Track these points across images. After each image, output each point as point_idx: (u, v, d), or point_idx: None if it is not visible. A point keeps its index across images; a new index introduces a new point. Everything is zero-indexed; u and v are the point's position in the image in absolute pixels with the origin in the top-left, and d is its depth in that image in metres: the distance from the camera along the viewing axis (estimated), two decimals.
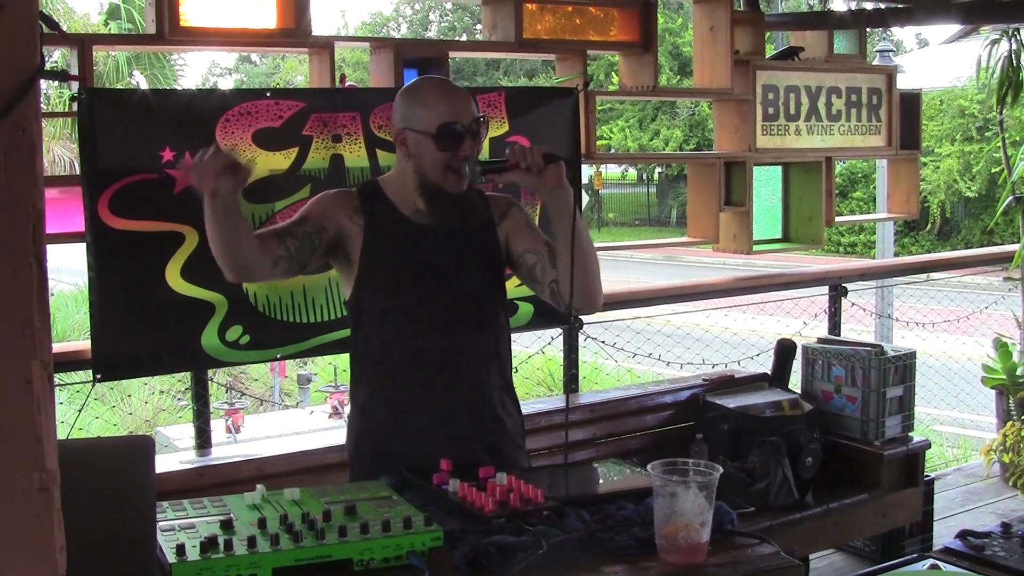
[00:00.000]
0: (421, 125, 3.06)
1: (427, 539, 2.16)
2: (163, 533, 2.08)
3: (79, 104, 3.57)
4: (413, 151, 3.09)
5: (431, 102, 3.08)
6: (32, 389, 1.26)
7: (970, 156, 23.90)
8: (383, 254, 3.13)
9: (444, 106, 3.07)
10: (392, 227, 3.15)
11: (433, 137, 3.04)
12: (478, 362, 3.19)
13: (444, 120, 3.04)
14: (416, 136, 3.07)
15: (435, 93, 3.11)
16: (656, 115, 31.04)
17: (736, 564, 2.23)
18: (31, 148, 1.25)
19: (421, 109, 3.08)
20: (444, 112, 3.05)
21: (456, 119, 3.06)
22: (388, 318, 3.13)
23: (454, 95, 3.13)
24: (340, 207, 3.14)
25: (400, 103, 3.15)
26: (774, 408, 4.39)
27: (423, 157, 3.07)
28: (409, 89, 3.19)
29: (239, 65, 46.23)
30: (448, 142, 3.04)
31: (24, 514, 1.27)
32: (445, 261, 3.16)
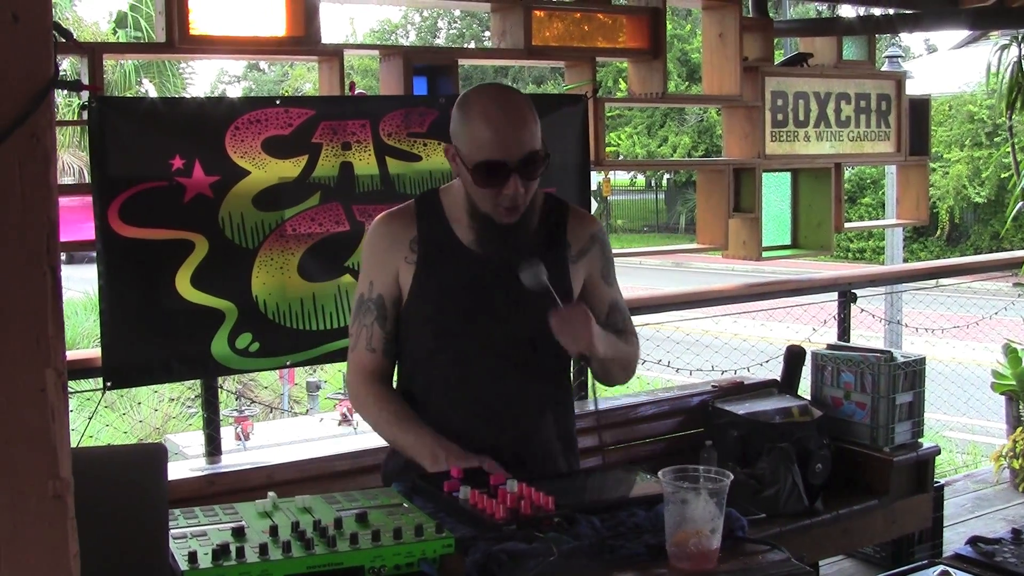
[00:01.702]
0: (464, 151, 2.70)
1: (438, 546, 2.16)
2: (175, 540, 2.09)
3: (89, 113, 3.58)
4: (460, 173, 2.76)
5: (475, 126, 2.68)
6: (46, 397, 1.27)
7: (979, 162, 23.88)
8: (434, 287, 2.82)
9: (487, 134, 2.65)
10: (447, 256, 2.82)
11: (473, 171, 2.68)
12: (530, 413, 2.88)
13: (486, 156, 2.65)
14: (459, 160, 2.73)
15: (481, 115, 2.68)
16: (664, 122, 31.04)
17: (747, 571, 2.23)
18: (45, 158, 1.26)
19: (466, 130, 2.70)
20: (486, 142, 2.65)
21: (501, 155, 2.65)
22: (434, 359, 2.86)
23: (504, 121, 2.67)
24: (397, 249, 2.84)
25: (455, 112, 2.76)
26: (783, 414, 4.38)
27: (467, 184, 2.74)
28: (464, 99, 2.77)
29: (248, 73, 46.36)
30: (488, 181, 2.67)
31: (39, 522, 1.27)
32: (503, 299, 2.80)
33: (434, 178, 4.20)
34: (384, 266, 2.85)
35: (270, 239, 3.90)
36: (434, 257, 2.82)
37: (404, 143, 4.15)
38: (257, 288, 3.89)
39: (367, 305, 2.87)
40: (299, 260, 3.95)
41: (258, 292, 3.89)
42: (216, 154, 3.79)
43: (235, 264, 3.85)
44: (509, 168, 2.65)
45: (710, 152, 28.64)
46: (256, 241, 3.88)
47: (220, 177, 3.79)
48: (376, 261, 2.88)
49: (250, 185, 3.85)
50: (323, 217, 3.99)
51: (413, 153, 4.17)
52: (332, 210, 4.01)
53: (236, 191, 3.83)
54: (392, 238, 2.86)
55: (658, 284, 19.07)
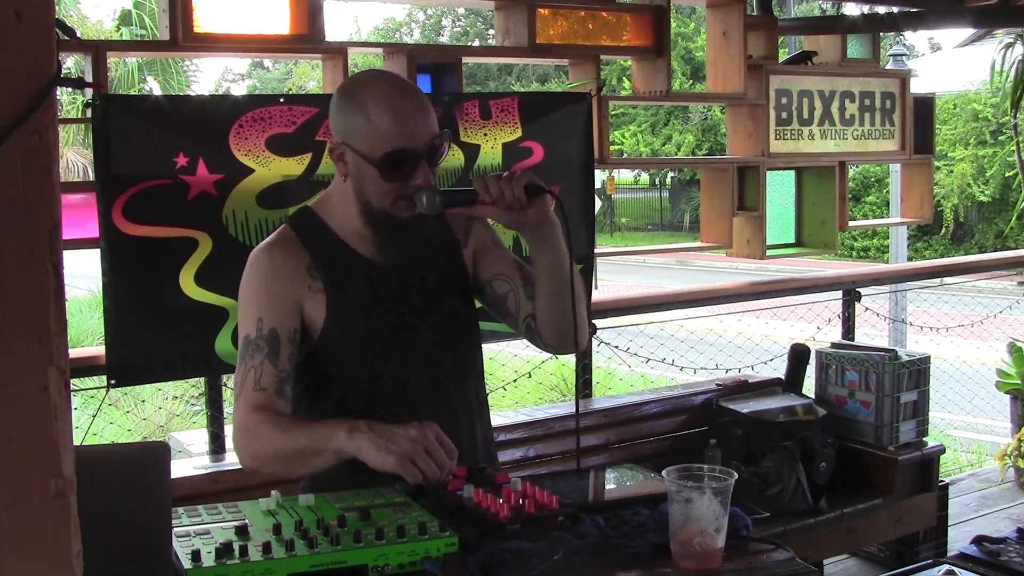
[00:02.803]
0: (362, 145, 2.50)
1: (442, 545, 2.16)
2: (178, 539, 2.08)
3: (93, 110, 3.58)
4: (353, 172, 2.54)
5: (375, 116, 2.48)
6: (49, 395, 1.26)
7: (984, 160, 23.88)
8: (355, 310, 2.61)
9: (391, 123, 2.47)
10: (355, 274, 2.63)
11: (378, 165, 2.48)
12: (465, 419, 2.73)
13: (392, 146, 2.46)
14: (356, 157, 2.52)
15: (380, 104, 2.48)
16: (668, 120, 31.04)
17: (751, 570, 2.22)
18: (48, 155, 1.25)
19: (362, 122, 2.50)
20: (391, 131, 2.47)
21: (408, 143, 2.49)
22: (372, 388, 2.64)
23: (405, 106, 2.51)
24: (293, 279, 2.60)
25: (338, 106, 2.57)
26: (788, 413, 4.38)
27: (365, 183, 2.54)
28: (348, 91, 2.57)
29: (252, 71, 46.38)
30: (396, 173, 2.49)
31: (41, 520, 1.27)
32: (423, 307, 2.66)
33: (437, 176, 4.19)
34: (277, 300, 2.58)
35: None
36: (341, 279, 2.61)
37: None
38: None
39: (255, 344, 2.57)
40: None
41: None
42: (220, 152, 3.79)
43: (239, 262, 3.82)
44: (418, 156, 2.50)
45: (714, 150, 28.64)
46: (260, 239, 3.86)
47: (224, 175, 3.79)
48: (264, 296, 2.58)
49: (254, 183, 3.85)
50: None
51: None
52: None
53: (240, 189, 3.83)
54: (282, 269, 2.60)
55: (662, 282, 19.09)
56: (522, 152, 4.40)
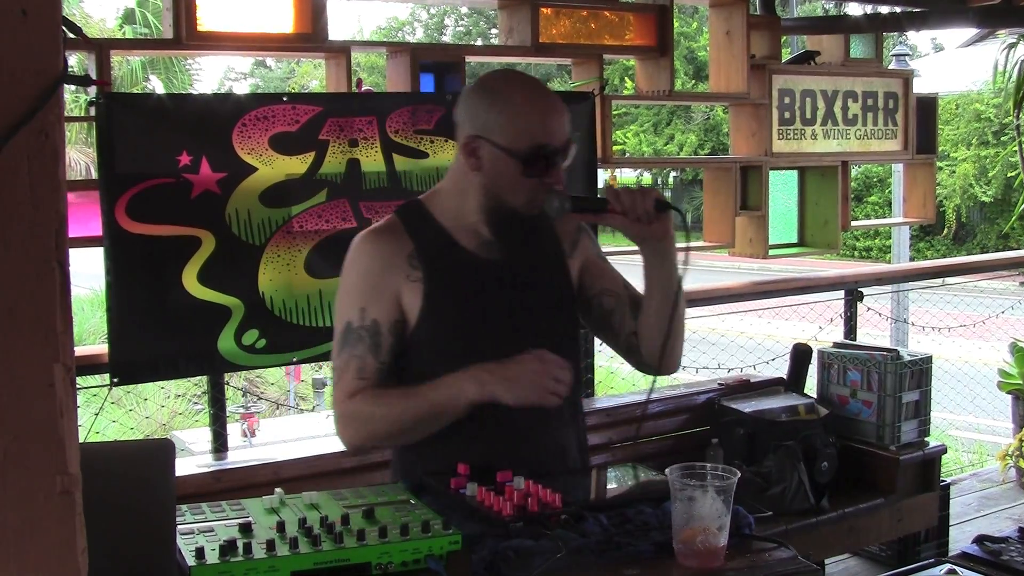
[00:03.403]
0: (504, 138, 2.50)
1: (445, 543, 2.16)
2: (182, 536, 2.09)
3: (97, 109, 3.58)
4: (487, 166, 2.54)
5: (520, 111, 2.50)
6: (55, 393, 1.27)
7: (986, 160, 23.87)
8: (450, 304, 2.61)
9: (538, 118, 2.50)
10: (455, 267, 2.61)
11: (521, 159, 2.49)
12: (558, 423, 2.70)
13: (537, 140, 2.48)
14: (494, 150, 2.51)
15: (525, 100, 2.52)
16: (671, 119, 31.01)
17: (753, 568, 2.23)
18: (54, 154, 1.26)
19: (506, 117, 2.51)
20: (537, 126, 2.49)
21: (551, 140, 2.50)
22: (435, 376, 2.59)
23: (548, 105, 2.54)
24: (394, 268, 2.59)
25: (475, 101, 2.58)
26: (790, 412, 4.39)
27: (500, 177, 2.53)
28: (491, 87, 2.59)
29: (254, 70, 46.35)
30: (538, 168, 2.49)
31: (46, 517, 1.27)
32: (522, 312, 2.65)
33: (440, 175, 4.19)
34: (379, 289, 2.59)
35: (277, 236, 3.90)
36: (441, 270, 2.60)
37: (411, 140, 4.15)
38: (264, 285, 3.89)
39: (357, 334, 2.58)
40: (306, 257, 3.95)
41: (265, 289, 3.89)
42: (223, 151, 3.79)
43: (242, 261, 3.86)
44: (559, 153, 2.52)
45: (717, 150, 28.62)
46: (263, 238, 3.88)
47: (227, 174, 3.80)
48: (367, 285, 2.60)
49: (257, 182, 3.86)
50: (330, 214, 3.99)
51: (420, 150, 4.17)
52: (339, 207, 4.01)
53: (243, 188, 3.83)
54: (385, 257, 2.60)
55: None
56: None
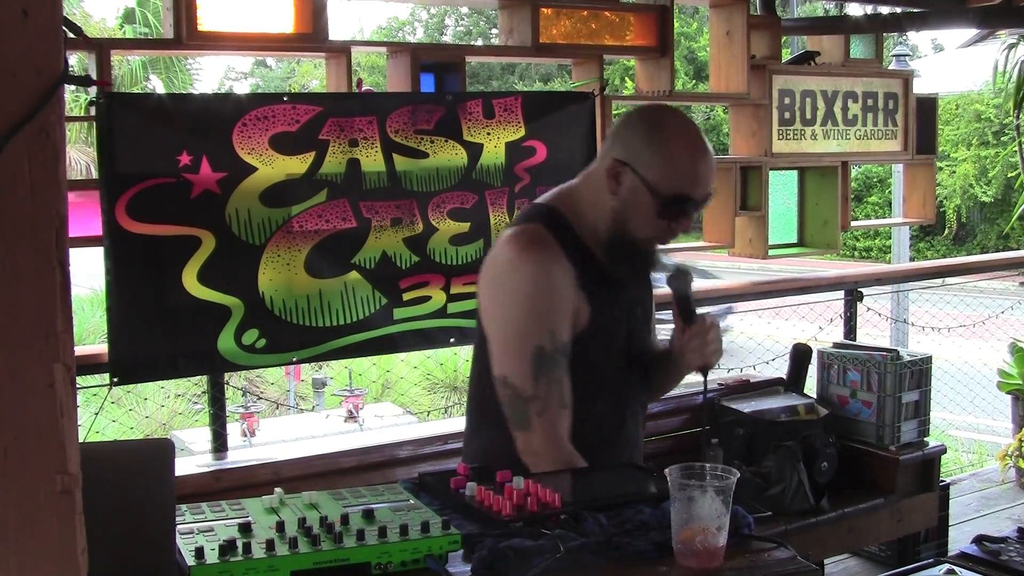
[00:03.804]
0: (651, 175, 2.60)
1: (444, 543, 2.16)
2: (182, 536, 2.09)
3: (97, 109, 3.58)
4: (625, 194, 2.65)
5: (677, 154, 2.61)
6: (55, 392, 1.27)
7: (986, 161, 23.88)
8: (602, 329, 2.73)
9: (689, 167, 2.62)
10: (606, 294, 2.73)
11: (661, 200, 2.61)
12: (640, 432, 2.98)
13: (682, 188, 2.60)
14: (637, 182, 2.62)
15: (685, 146, 2.63)
16: None
17: (753, 568, 2.23)
18: (55, 153, 1.26)
19: (660, 156, 2.61)
20: (686, 175, 2.61)
21: (695, 192, 2.62)
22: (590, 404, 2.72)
23: (705, 158, 2.65)
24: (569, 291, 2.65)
25: (633, 129, 2.68)
26: (789, 413, 4.39)
27: (634, 208, 2.64)
28: (653, 121, 2.68)
29: (255, 69, 46.35)
30: (674, 213, 2.63)
31: (47, 516, 1.28)
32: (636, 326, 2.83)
33: (441, 175, 4.21)
34: (563, 311, 2.64)
35: (277, 235, 3.90)
36: (600, 296, 2.70)
37: (411, 140, 4.15)
38: (264, 284, 3.89)
39: (552, 358, 2.61)
40: (306, 257, 3.96)
41: (265, 288, 3.89)
42: (223, 150, 3.79)
43: (242, 260, 3.86)
44: (696, 204, 2.64)
45: (717, 150, 28.46)
46: (263, 237, 3.88)
47: (227, 173, 3.80)
48: (552, 306, 2.63)
49: (257, 181, 3.86)
50: (330, 214, 4.00)
51: (420, 150, 4.17)
52: (339, 207, 4.01)
53: (243, 187, 3.83)
54: (559, 277, 2.64)
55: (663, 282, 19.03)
56: (525, 151, 4.41)
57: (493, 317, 2.72)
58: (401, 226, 4.14)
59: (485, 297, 2.79)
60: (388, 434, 4.44)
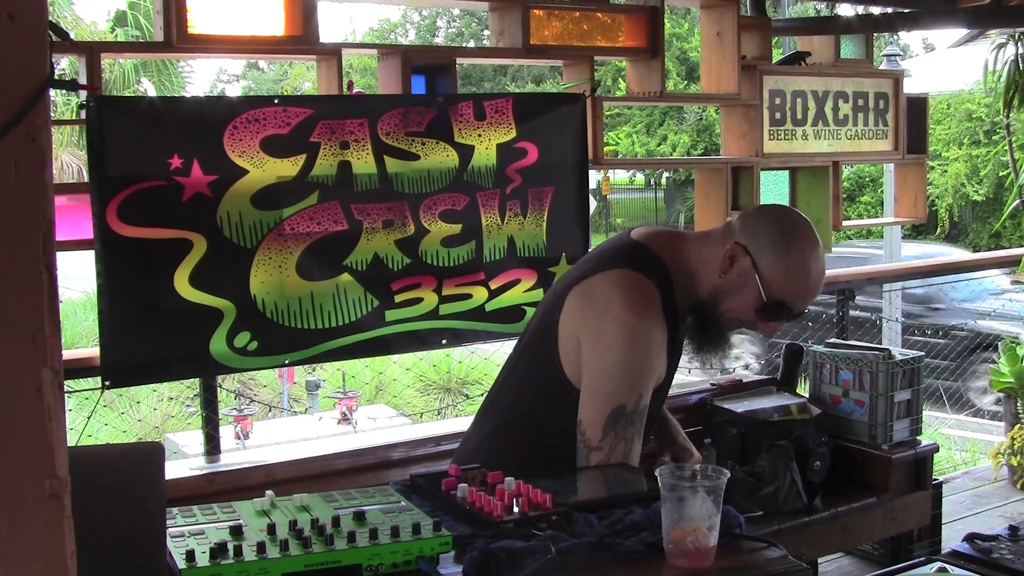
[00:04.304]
0: (768, 276, 2.73)
1: (436, 544, 2.17)
2: (173, 539, 2.09)
3: (87, 112, 3.58)
4: (733, 279, 2.76)
5: (797, 271, 2.74)
6: (43, 396, 1.27)
7: (977, 160, 23.89)
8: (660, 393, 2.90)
9: (804, 289, 2.75)
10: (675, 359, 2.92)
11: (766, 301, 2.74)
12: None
13: (791, 302, 2.74)
14: (752, 276, 2.74)
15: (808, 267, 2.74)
16: (663, 120, 31.03)
17: (744, 568, 2.23)
18: (41, 157, 1.26)
19: (783, 264, 2.73)
20: (799, 294, 2.75)
21: (799, 308, 2.78)
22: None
23: (819, 282, 2.79)
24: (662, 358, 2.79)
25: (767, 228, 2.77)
26: (782, 412, 4.38)
27: (737, 295, 2.77)
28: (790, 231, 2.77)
29: (247, 72, 46.34)
30: (771, 316, 2.77)
31: (35, 520, 1.28)
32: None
33: (432, 177, 4.21)
34: (651, 379, 2.76)
35: (268, 238, 3.90)
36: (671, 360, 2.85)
37: (402, 142, 4.15)
38: (255, 287, 3.89)
39: (630, 418, 2.73)
40: (297, 259, 3.96)
41: (256, 291, 3.89)
42: (214, 153, 3.79)
43: (233, 263, 3.86)
44: (793, 318, 2.78)
45: (709, 151, 28.64)
46: (254, 240, 3.88)
47: (218, 176, 3.80)
48: (649, 371, 2.75)
49: (248, 184, 3.85)
50: (321, 216, 4.00)
51: (411, 152, 4.17)
52: (330, 209, 4.01)
53: (234, 190, 3.83)
54: (662, 343, 2.76)
55: None
56: (516, 153, 4.41)
57: (588, 359, 2.77)
58: (393, 228, 4.14)
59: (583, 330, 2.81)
60: (381, 436, 4.44)
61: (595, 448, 2.72)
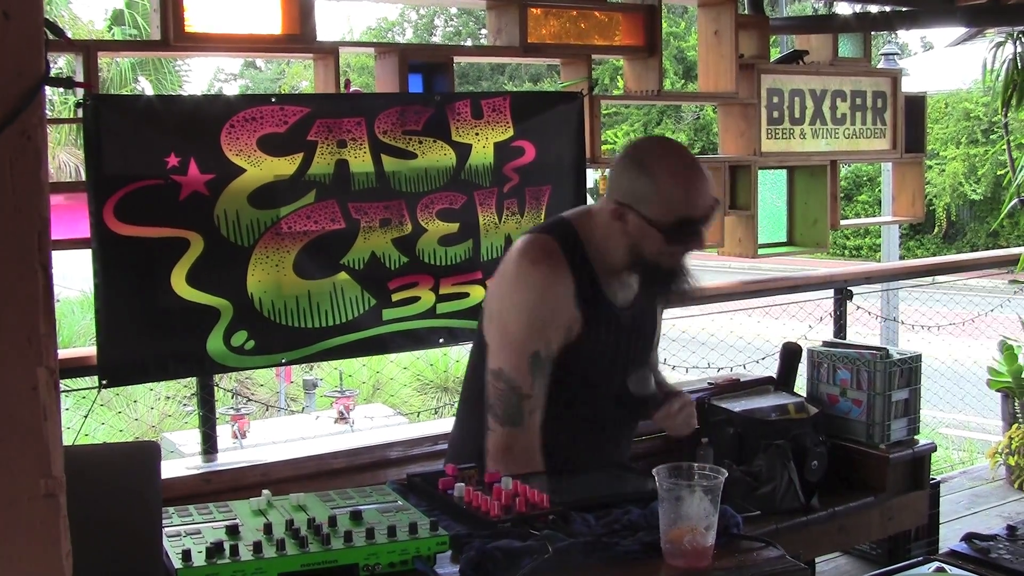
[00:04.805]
0: (649, 211, 2.68)
1: (432, 544, 2.16)
2: (169, 539, 2.09)
3: (84, 111, 3.57)
4: (633, 231, 2.73)
5: (666, 187, 2.68)
6: (38, 396, 1.26)
7: (975, 159, 23.91)
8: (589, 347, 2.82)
9: (681, 193, 2.68)
10: (604, 316, 2.82)
11: (664, 231, 2.68)
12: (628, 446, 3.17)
13: (681, 213, 2.67)
14: (641, 221, 2.70)
15: (670, 174, 2.69)
16: (661, 119, 31.03)
17: (742, 568, 2.23)
18: (36, 155, 1.25)
19: (651, 190, 2.69)
20: (681, 201, 2.67)
21: (694, 212, 2.69)
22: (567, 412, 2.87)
23: (693, 176, 2.71)
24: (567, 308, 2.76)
25: (624, 170, 2.77)
26: (780, 412, 4.38)
27: (645, 243, 2.73)
28: (636, 159, 2.76)
29: (244, 71, 46.31)
30: (683, 237, 2.71)
31: (30, 520, 1.27)
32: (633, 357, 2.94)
33: (429, 175, 4.20)
34: (558, 324, 2.77)
35: (265, 237, 3.90)
36: (594, 320, 2.80)
37: (399, 141, 4.14)
38: (252, 286, 3.89)
39: (544, 365, 2.77)
40: (295, 258, 3.95)
41: (254, 290, 3.89)
42: (211, 152, 3.78)
43: (230, 262, 3.85)
44: (701, 222, 2.71)
45: (707, 150, 28.63)
46: (252, 239, 3.88)
47: (215, 175, 3.79)
48: (550, 318, 2.77)
49: (245, 183, 3.85)
50: (319, 215, 3.99)
51: (408, 151, 4.17)
52: (327, 208, 4.01)
53: (231, 189, 3.82)
54: (561, 292, 2.76)
55: None
56: (514, 152, 4.41)
57: (497, 318, 2.83)
58: (390, 227, 4.13)
59: (492, 297, 2.91)
60: (378, 435, 4.43)
61: (526, 396, 2.75)
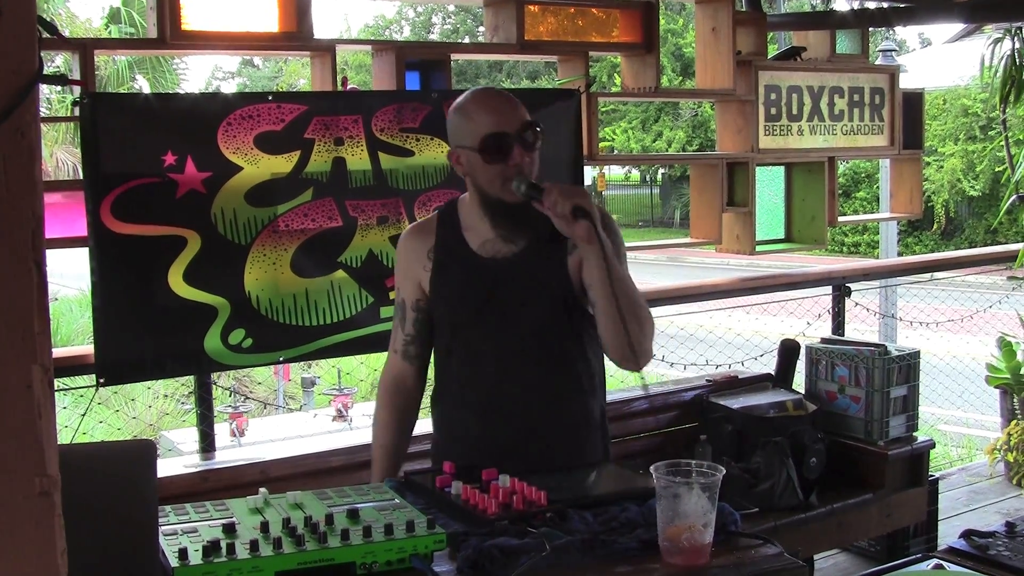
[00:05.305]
0: (468, 140, 2.89)
1: (430, 542, 2.16)
2: (165, 537, 2.08)
3: (81, 109, 3.57)
4: (467, 169, 2.93)
5: (473, 113, 2.89)
6: (32, 394, 1.26)
7: (973, 155, 23.90)
8: (446, 290, 3.03)
9: (486, 115, 2.87)
10: (457, 261, 3.01)
11: (479, 150, 2.86)
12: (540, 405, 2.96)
13: (488, 129, 2.85)
14: (464, 153, 2.91)
15: (477, 104, 2.92)
16: (659, 116, 31.04)
17: (740, 565, 2.23)
18: (30, 153, 1.25)
19: (466, 123, 2.91)
20: (487, 122, 2.86)
21: (500, 127, 2.85)
22: (449, 359, 3.09)
23: (497, 102, 2.93)
24: (417, 259, 3.08)
25: (449, 121, 3.00)
26: (778, 409, 4.38)
27: (476, 174, 2.91)
28: (455, 105, 2.99)
29: (242, 69, 46.30)
30: (494, 154, 2.85)
31: (25, 519, 1.27)
32: (507, 295, 2.95)
33: (427, 173, 4.20)
34: (407, 275, 3.11)
35: (263, 235, 3.89)
36: (446, 263, 3.03)
37: (396, 138, 4.14)
38: (250, 284, 3.88)
39: (404, 310, 3.14)
40: (292, 256, 3.95)
41: (251, 288, 3.88)
42: (208, 150, 3.78)
43: (228, 260, 3.85)
44: (511, 138, 2.84)
45: (704, 147, 28.63)
46: (249, 237, 3.87)
47: (212, 173, 3.79)
48: (400, 271, 3.15)
49: (243, 181, 3.85)
50: (316, 213, 3.99)
51: (405, 148, 4.16)
52: (325, 206, 4.00)
53: (229, 187, 3.82)
54: (412, 250, 3.11)
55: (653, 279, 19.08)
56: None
57: None
58: (387, 225, 4.13)
59: None
60: None
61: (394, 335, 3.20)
